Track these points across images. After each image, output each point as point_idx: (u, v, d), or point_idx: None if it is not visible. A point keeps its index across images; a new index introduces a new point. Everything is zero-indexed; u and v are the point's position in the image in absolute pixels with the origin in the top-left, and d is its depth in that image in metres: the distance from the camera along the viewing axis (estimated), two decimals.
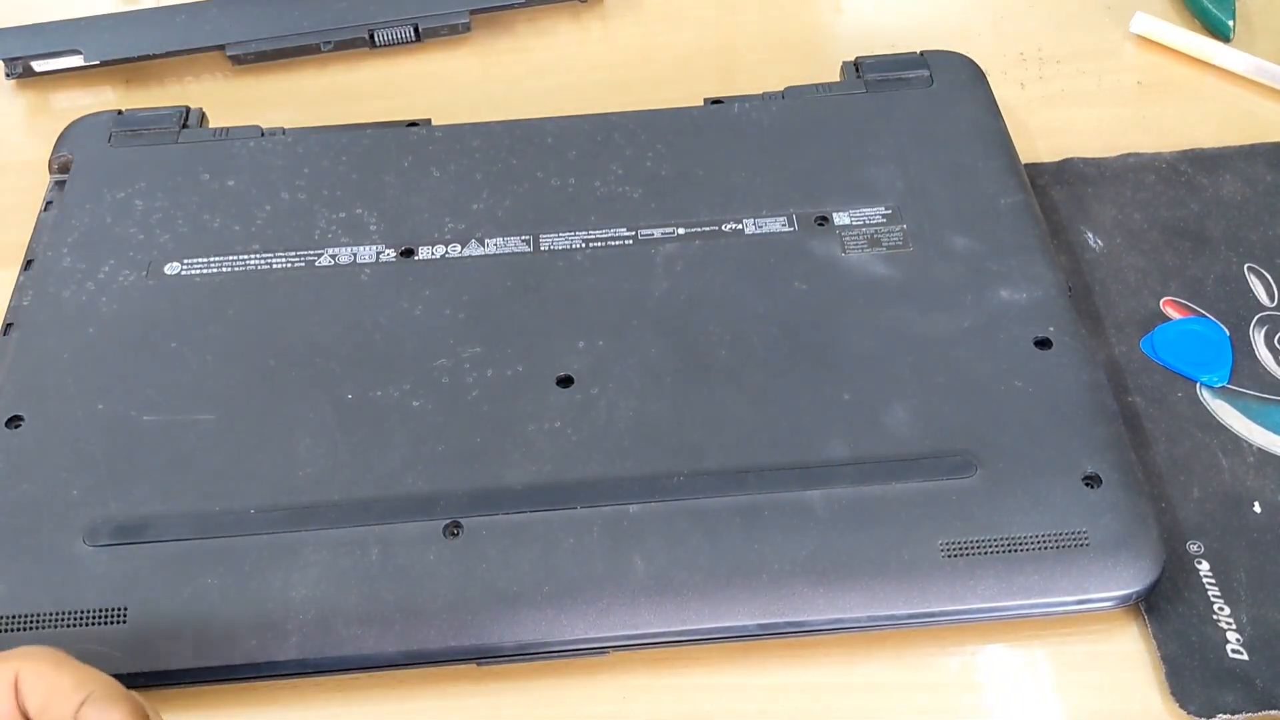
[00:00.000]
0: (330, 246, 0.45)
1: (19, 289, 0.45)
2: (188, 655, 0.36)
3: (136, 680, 0.36)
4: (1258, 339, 0.43)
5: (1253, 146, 0.50)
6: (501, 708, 0.37)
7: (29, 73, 0.55)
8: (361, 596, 0.36)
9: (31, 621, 0.36)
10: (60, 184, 0.48)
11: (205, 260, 0.45)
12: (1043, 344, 0.41)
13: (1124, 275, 0.46)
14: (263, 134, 0.50)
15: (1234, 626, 0.37)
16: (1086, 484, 0.38)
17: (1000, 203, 0.46)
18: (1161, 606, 0.37)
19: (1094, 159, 0.50)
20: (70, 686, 0.29)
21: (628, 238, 0.45)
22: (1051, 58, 0.55)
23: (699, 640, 0.36)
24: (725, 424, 0.40)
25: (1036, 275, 0.43)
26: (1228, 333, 0.44)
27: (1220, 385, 0.42)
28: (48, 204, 0.48)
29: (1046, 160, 0.50)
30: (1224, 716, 0.35)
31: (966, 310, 0.42)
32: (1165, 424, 0.41)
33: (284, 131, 0.50)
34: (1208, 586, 0.38)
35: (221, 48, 0.55)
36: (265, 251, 0.45)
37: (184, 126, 0.50)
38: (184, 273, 0.45)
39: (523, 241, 0.45)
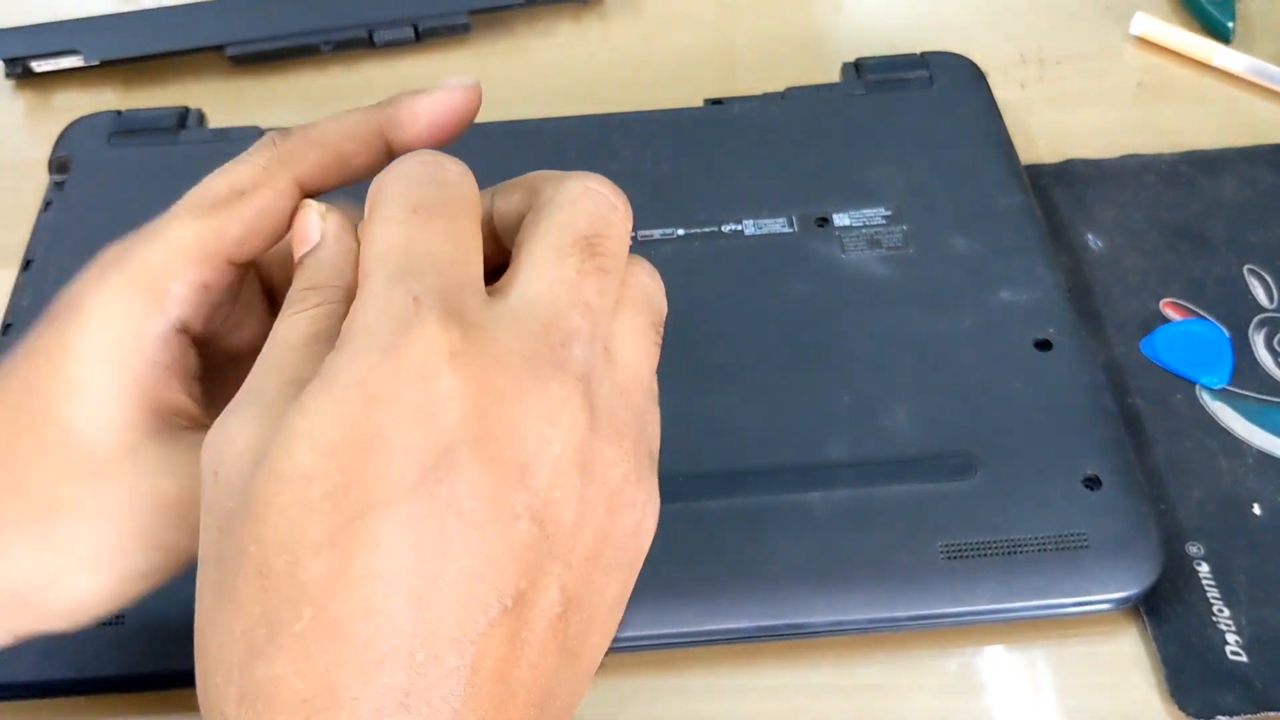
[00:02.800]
0: None
1: (18, 289, 0.45)
2: (187, 655, 0.36)
3: (135, 681, 0.36)
4: (1258, 341, 0.43)
5: (1253, 148, 0.50)
6: None
7: (28, 73, 0.55)
8: None
9: None
10: (60, 184, 0.48)
11: None
12: (1043, 345, 0.41)
13: (1124, 276, 0.46)
14: (262, 134, 0.49)
15: (1233, 628, 0.37)
16: (1086, 486, 0.38)
17: (1000, 203, 0.46)
18: (1161, 608, 0.37)
19: (1094, 160, 0.50)
20: None
21: None
22: (1051, 58, 0.55)
23: (698, 642, 0.36)
24: (725, 425, 0.40)
25: (1036, 276, 0.43)
26: (1228, 334, 0.44)
27: (1220, 387, 0.42)
28: (47, 204, 0.48)
29: (1047, 161, 0.50)
30: (1223, 718, 0.35)
31: (966, 311, 0.42)
32: (1165, 426, 0.41)
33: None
34: (1207, 588, 0.38)
35: (221, 48, 0.55)
36: None
37: (183, 126, 0.50)
38: None
39: None
